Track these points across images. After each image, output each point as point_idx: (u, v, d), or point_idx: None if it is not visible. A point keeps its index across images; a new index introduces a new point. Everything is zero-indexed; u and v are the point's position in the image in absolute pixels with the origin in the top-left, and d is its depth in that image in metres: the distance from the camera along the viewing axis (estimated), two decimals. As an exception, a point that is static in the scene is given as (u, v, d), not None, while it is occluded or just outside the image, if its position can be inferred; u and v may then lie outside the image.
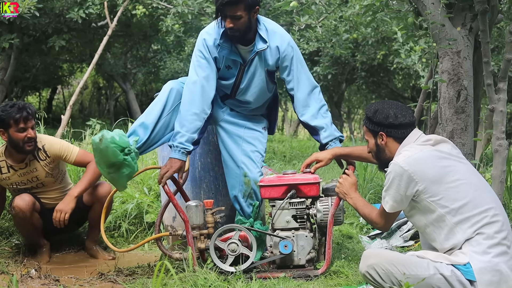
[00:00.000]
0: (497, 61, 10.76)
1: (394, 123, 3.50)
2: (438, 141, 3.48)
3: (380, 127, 3.55)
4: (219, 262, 4.14)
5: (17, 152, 4.77)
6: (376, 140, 3.61)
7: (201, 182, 4.84)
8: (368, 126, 3.63)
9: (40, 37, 14.69)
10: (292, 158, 12.68)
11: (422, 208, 3.34)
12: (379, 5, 5.99)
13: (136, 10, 12.23)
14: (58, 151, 4.88)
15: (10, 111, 4.66)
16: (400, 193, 3.35)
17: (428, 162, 3.33)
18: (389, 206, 3.43)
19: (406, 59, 12.16)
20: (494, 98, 4.40)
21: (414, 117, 3.59)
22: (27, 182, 4.86)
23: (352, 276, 4.04)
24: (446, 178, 3.28)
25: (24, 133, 4.66)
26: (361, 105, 30.25)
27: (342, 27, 10.63)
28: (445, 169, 3.31)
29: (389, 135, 3.54)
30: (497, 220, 3.22)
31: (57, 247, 5.15)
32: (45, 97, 28.20)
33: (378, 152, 3.63)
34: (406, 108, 3.58)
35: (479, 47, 4.65)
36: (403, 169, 3.31)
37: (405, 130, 3.51)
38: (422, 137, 3.50)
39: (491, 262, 3.15)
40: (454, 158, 3.40)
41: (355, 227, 5.82)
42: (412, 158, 3.34)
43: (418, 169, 3.30)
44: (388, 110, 3.53)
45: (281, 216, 4.25)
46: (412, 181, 3.30)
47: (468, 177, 3.33)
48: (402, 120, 3.50)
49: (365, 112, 3.71)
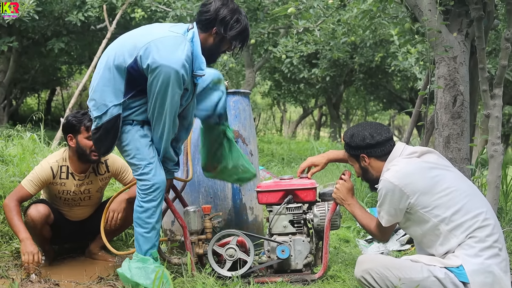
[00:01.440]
0: (494, 64, 10.78)
1: (371, 143, 3.59)
2: (423, 152, 3.56)
3: (360, 150, 3.64)
4: (217, 267, 4.17)
5: (80, 160, 4.75)
6: (360, 163, 3.70)
7: (200, 186, 4.87)
8: (349, 151, 3.73)
9: (39, 39, 14.72)
10: (290, 161, 12.70)
11: (416, 219, 3.40)
12: (376, 10, 6.02)
13: (135, 13, 12.23)
14: (119, 167, 4.93)
15: (82, 118, 4.67)
16: (393, 207, 3.42)
17: (417, 175, 3.40)
18: (385, 220, 3.51)
19: (403, 62, 12.19)
20: (489, 104, 4.43)
21: (390, 132, 3.67)
22: (78, 193, 4.85)
23: (349, 280, 4.06)
24: (436, 188, 3.34)
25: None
26: (360, 106, 30.30)
27: (340, 30, 10.65)
28: (434, 179, 3.38)
29: (370, 156, 3.63)
30: (488, 224, 3.28)
31: (57, 252, 5.17)
32: (44, 98, 28.18)
33: (365, 174, 3.71)
34: (380, 126, 3.66)
35: (476, 52, 4.68)
36: (394, 184, 3.38)
37: (384, 147, 3.60)
38: (406, 150, 3.58)
39: (483, 264, 3.21)
40: (442, 167, 3.47)
41: (352, 231, 5.85)
42: (401, 173, 3.41)
43: (408, 182, 3.36)
44: (363, 132, 3.62)
45: (278, 221, 4.28)
46: (404, 195, 3.36)
47: (457, 184, 3.39)
48: (379, 138, 3.58)
49: (343, 139, 3.79)
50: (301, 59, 16.12)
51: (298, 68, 16.78)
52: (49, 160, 4.79)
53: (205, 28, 3.95)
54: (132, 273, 3.90)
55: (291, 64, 15.58)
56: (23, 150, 6.78)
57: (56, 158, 4.79)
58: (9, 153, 6.48)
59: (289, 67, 16.15)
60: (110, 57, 3.91)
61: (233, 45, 4.01)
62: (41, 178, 4.67)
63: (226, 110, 4.43)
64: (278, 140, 19.96)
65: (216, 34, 3.95)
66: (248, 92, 5.25)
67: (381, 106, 26.36)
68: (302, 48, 10.73)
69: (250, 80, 13.13)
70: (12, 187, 5.35)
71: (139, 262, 3.95)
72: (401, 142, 3.68)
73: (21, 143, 7.29)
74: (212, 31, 3.94)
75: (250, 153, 5.06)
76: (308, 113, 29.87)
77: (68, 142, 4.75)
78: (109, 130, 3.90)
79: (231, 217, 4.87)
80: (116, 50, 3.91)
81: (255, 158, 5.14)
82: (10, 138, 7.78)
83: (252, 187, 4.97)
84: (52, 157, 4.82)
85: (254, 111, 31.92)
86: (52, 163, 4.74)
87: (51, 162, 4.75)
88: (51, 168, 4.71)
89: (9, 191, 5.30)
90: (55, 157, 4.80)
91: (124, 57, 3.83)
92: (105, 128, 3.91)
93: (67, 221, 4.94)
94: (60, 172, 4.76)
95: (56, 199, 4.88)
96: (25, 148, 6.99)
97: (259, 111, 34.19)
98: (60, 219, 4.87)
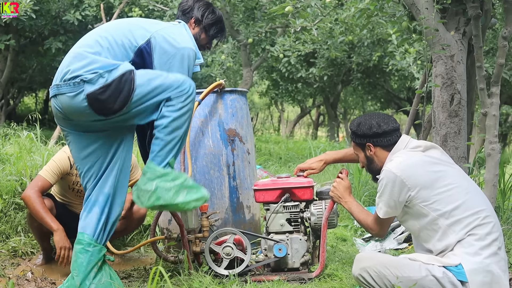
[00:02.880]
0: (492, 63, 10.79)
1: (378, 132, 3.57)
2: (428, 147, 3.54)
3: (366, 139, 3.63)
4: (214, 266, 4.17)
5: None
6: (365, 153, 3.68)
7: (197, 185, 4.86)
8: (355, 140, 3.71)
9: (36, 38, 14.68)
10: (288, 160, 12.70)
11: (415, 213, 3.38)
12: (374, 9, 6.02)
13: (132, 12, 12.21)
14: (132, 162, 4.86)
15: None
16: (393, 199, 3.39)
17: (419, 168, 3.37)
18: (383, 212, 3.47)
19: (401, 61, 12.20)
20: (487, 102, 4.44)
21: (397, 123, 3.66)
22: None
23: (346, 279, 4.06)
24: (438, 183, 3.32)
25: None
26: (357, 106, 30.30)
27: (338, 29, 10.65)
28: (436, 174, 3.35)
29: (376, 145, 3.61)
30: (488, 222, 3.26)
31: (53, 250, 5.17)
32: (41, 98, 28.16)
33: (369, 163, 3.69)
34: (387, 116, 3.66)
35: (473, 51, 4.68)
36: (396, 175, 3.35)
37: (390, 137, 3.58)
38: (411, 143, 3.56)
39: (482, 263, 3.19)
40: (445, 163, 3.45)
41: (350, 230, 5.86)
42: (404, 164, 3.38)
43: (410, 174, 3.34)
44: (370, 120, 3.61)
45: (275, 219, 4.28)
46: (405, 187, 3.34)
47: (459, 181, 3.37)
48: (386, 127, 3.57)
49: (349, 128, 3.78)
50: (299, 59, 16.12)
51: (295, 68, 16.78)
52: (66, 149, 4.73)
53: (186, 19, 4.16)
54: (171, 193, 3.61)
55: (289, 63, 15.57)
56: (20, 149, 6.77)
57: None
58: (6, 151, 6.47)
59: (287, 66, 16.14)
60: (113, 37, 3.75)
61: (210, 35, 4.22)
62: (60, 168, 4.63)
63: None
64: (276, 139, 19.97)
65: (195, 23, 4.16)
66: (245, 90, 5.24)
67: (379, 106, 26.36)
68: (299, 47, 10.73)
69: (247, 79, 13.10)
70: (9, 186, 5.33)
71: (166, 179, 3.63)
72: (406, 135, 3.66)
73: (18, 141, 7.29)
74: (191, 21, 4.15)
75: (247, 151, 5.06)
76: (305, 113, 29.88)
77: None
78: (124, 82, 3.59)
79: (228, 215, 4.87)
80: (118, 32, 3.79)
81: (252, 157, 5.14)
82: (7, 137, 7.78)
83: (249, 186, 4.98)
84: (68, 148, 4.80)
85: (252, 110, 31.94)
86: (69, 153, 4.71)
87: (68, 152, 4.70)
88: (68, 158, 4.68)
89: (5, 189, 5.29)
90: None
91: (135, 39, 3.75)
92: (118, 81, 3.59)
93: (74, 218, 4.88)
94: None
95: (68, 191, 4.85)
96: (22, 147, 6.98)
97: (257, 111, 34.19)
98: (67, 216, 4.81)
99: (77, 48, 3.74)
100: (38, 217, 4.45)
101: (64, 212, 4.83)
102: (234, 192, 4.95)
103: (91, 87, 3.55)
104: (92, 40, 3.74)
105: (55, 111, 3.74)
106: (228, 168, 4.94)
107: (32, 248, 5.07)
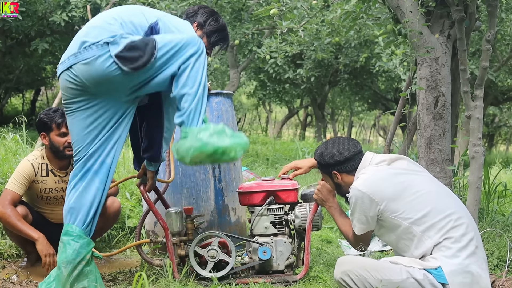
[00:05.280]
0: (477, 65, 10.84)
1: (340, 160, 3.66)
2: (393, 159, 3.62)
3: (330, 167, 3.72)
4: (198, 269, 4.17)
5: (56, 157, 4.74)
6: (332, 180, 3.78)
7: (182, 187, 4.87)
8: (321, 169, 3.84)
9: (23, 39, 14.65)
10: (275, 161, 12.70)
11: (388, 225, 3.45)
12: (359, 12, 6.03)
13: (119, 13, 12.19)
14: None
15: (53, 116, 4.66)
16: (364, 215, 3.46)
17: (385, 181, 3.45)
18: (357, 229, 3.55)
19: (387, 63, 12.23)
20: (471, 105, 4.45)
21: (359, 145, 3.73)
22: (60, 190, 4.79)
23: (330, 281, 4.08)
24: (405, 193, 3.39)
25: (65, 138, 4.63)
26: (345, 107, 30.36)
27: (324, 31, 10.66)
28: (403, 184, 3.43)
29: (341, 171, 3.70)
30: (461, 223, 3.31)
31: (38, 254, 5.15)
32: (29, 98, 28.04)
33: (339, 189, 3.79)
34: (348, 141, 3.74)
35: (457, 53, 4.70)
36: (362, 192, 3.42)
37: (353, 161, 3.66)
38: (375, 159, 3.64)
39: (461, 264, 3.23)
40: (412, 172, 3.53)
41: (335, 232, 5.87)
42: (369, 180, 3.46)
43: (376, 189, 3.41)
44: (331, 149, 3.69)
45: (260, 222, 4.30)
46: (373, 202, 3.40)
47: (426, 187, 3.44)
48: (347, 154, 3.65)
49: (314, 157, 3.88)
50: (286, 60, 16.13)
51: (283, 69, 16.79)
52: (29, 158, 4.76)
53: (189, 22, 4.12)
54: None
55: (276, 64, 15.57)
56: (5, 151, 6.75)
57: (34, 156, 4.77)
58: (-9, 154, 6.45)
59: (274, 67, 16.14)
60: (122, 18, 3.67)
61: (211, 42, 4.22)
62: (25, 176, 4.63)
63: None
64: (263, 140, 19.95)
65: (197, 27, 4.19)
66: (230, 93, 5.25)
67: (366, 107, 26.44)
68: (286, 48, 10.73)
69: (234, 80, 13.11)
70: (-6, 188, 5.32)
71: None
72: (369, 152, 3.74)
73: (4, 143, 7.26)
74: (194, 24, 4.17)
75: (233, 154, 5.05)
76: (293, 113, 29.91)
77: (42, 141, 4.75)
78: (148, 39, 3.56)
79: (213, 218, 4.87)
80: (128, 14, 3.71)
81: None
82: (-8, 139, 7.75)
83: (235, 188, 4.98)
84: (30, 156, 4.80)
85: (240, 111, 31.93)
86: (32, 160, 4.72)
87: (30, 159, 4.73)
88: (31, 164, 4.69)
89: (-9, 192, 5.27)
90: (33, 156, 4.78)
91: (146, 18, 3.70)
92: (142, 39, 3.56)
93: (49, 224, 4.87)
94: (41, 169, 4.74)
95: (37, 200, 4.82)
96: (7, 149, 6.96)
97: (244, 111, 34.19)
98: (41, 221, 4.80)
99: (88, 27, 3.68)
100: (16, 230, 4.48)
101: (40, 220, 4.82)
102: (219, 194, 4.95)
103: (116, 48, 3.49)
104: (100, 21, 3.67)
105: (66, 86, 3.61)
106: (214, 171, 4.94)
107: (18, 250, 5.05)
